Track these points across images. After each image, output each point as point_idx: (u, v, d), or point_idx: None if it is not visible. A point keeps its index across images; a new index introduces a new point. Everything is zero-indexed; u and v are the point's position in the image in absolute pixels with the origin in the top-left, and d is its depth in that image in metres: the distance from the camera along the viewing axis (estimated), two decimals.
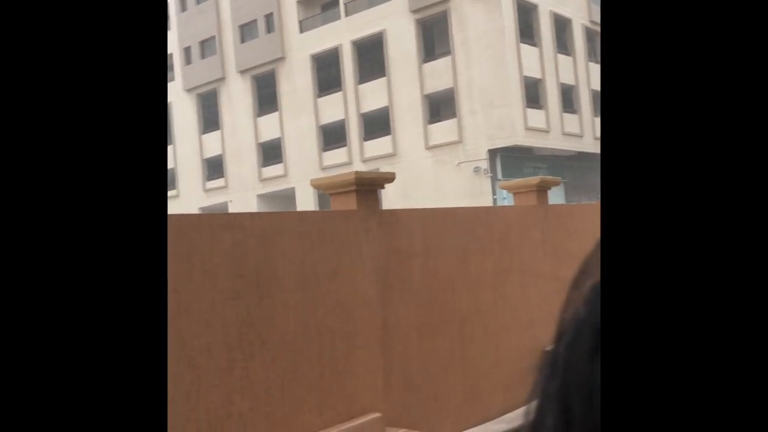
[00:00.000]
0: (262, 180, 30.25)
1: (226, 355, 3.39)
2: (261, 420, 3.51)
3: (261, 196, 30.64)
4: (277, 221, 3.75)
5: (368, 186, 4.34)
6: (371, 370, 4.19)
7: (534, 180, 6.04)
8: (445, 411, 4.70)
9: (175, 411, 3.14)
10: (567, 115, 25.16)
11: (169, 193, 34.84)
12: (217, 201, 30.84)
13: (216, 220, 3.47)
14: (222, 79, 30.91)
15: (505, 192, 17.47)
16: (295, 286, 3.78)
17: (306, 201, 27.65)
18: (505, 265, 5.49)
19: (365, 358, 4.16)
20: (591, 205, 7.27)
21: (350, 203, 4.30)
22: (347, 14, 26.71)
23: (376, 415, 4.07)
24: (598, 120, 25.13)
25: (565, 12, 25.54)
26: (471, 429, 4.74)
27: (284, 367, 3.66)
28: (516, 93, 22.57)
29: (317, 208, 24.13)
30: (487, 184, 22.92)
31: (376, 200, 4.42)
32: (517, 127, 22.49)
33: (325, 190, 4.41)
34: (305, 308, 3.82)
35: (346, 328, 4.06)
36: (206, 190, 32.32)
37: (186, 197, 32.55)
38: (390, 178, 4.50)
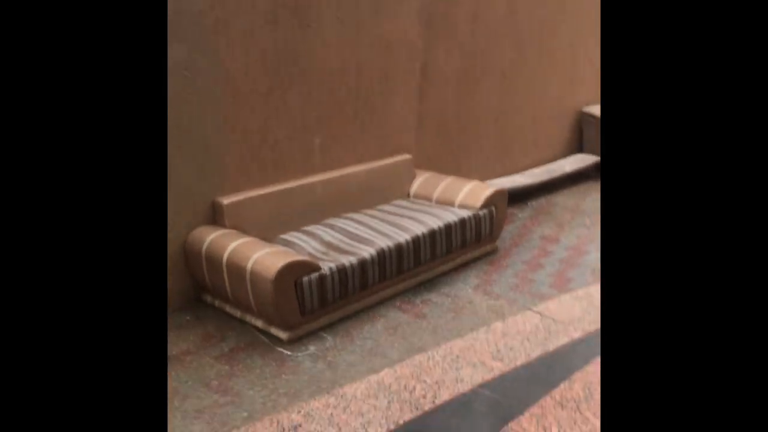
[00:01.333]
0: None
1: (265, 81, 3.39)
2: (296, 149, 3.63)
3: None
4: None
5: None
6: (406, 113, 4.20)
7: None
8: (474, 160, 4.82)
9: (215, 132, 3.23)
10: None
11: None
12: None
13: None
14: None
15: None
16: (335, 18, 3.63)
17: None
18: (556, 20, 5.18)
19: (401, 100, 4.14)
20: None
21: None
22: None
23: (407, 156, 4.18)
24: None
25: None
26: (497, 179, 4.89)
27: (321, 100, 3.68)
28: None
29: None
30: None
31: None
32: None
33: None
34: (345, 43, 3.71)
35: (385, 68, 3.98)
36: None
37: None
38: None
